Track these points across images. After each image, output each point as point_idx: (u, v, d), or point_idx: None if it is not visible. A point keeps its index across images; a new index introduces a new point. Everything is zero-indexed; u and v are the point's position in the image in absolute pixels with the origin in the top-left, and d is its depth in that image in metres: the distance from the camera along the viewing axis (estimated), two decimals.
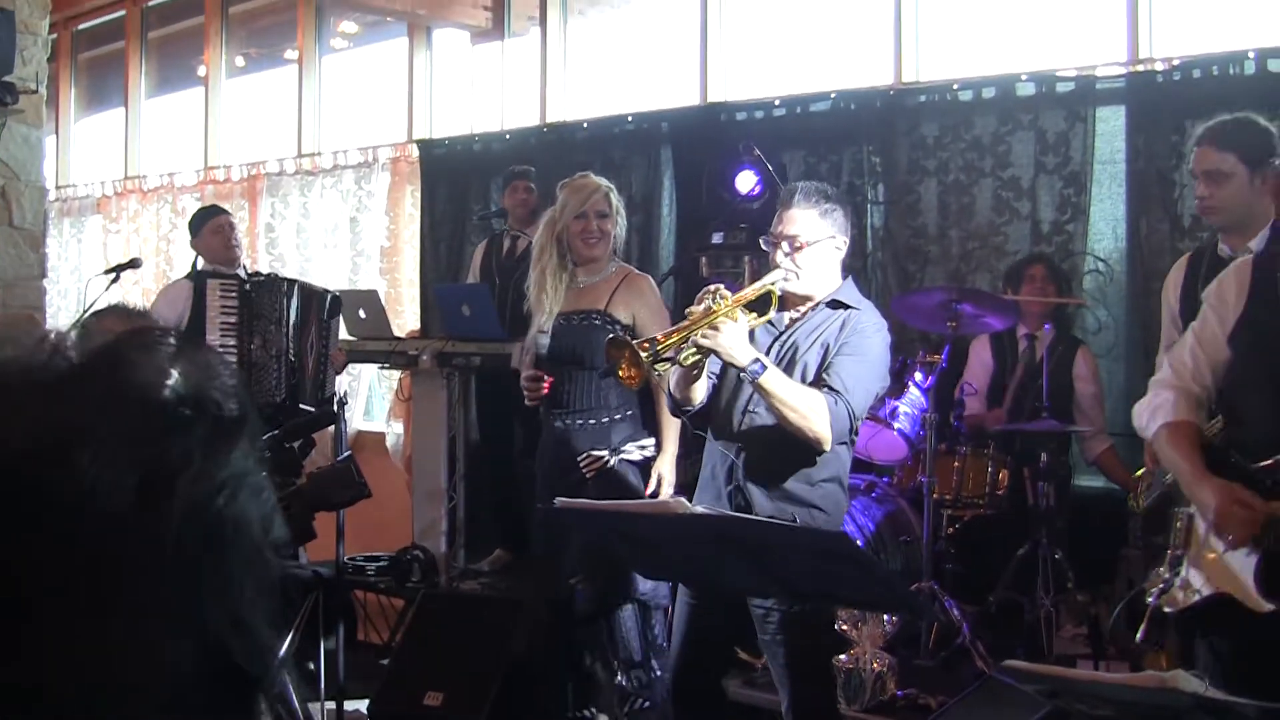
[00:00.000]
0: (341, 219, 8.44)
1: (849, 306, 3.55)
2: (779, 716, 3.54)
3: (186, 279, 6.04)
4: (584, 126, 7.18)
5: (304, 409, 5.70)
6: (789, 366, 3.47)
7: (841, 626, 4.42)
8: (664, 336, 3.34)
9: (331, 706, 4.69)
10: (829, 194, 3.61)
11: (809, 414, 3.31)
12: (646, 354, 3.27)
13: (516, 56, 7.97)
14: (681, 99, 7.00)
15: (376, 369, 7.78)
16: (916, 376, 5.19)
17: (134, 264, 6.27)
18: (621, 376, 3.36)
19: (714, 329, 3.29)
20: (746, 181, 5.74)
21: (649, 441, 4.44)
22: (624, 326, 4.38)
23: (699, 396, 3.54)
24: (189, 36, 10.07)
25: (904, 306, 5.30)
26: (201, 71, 9.80)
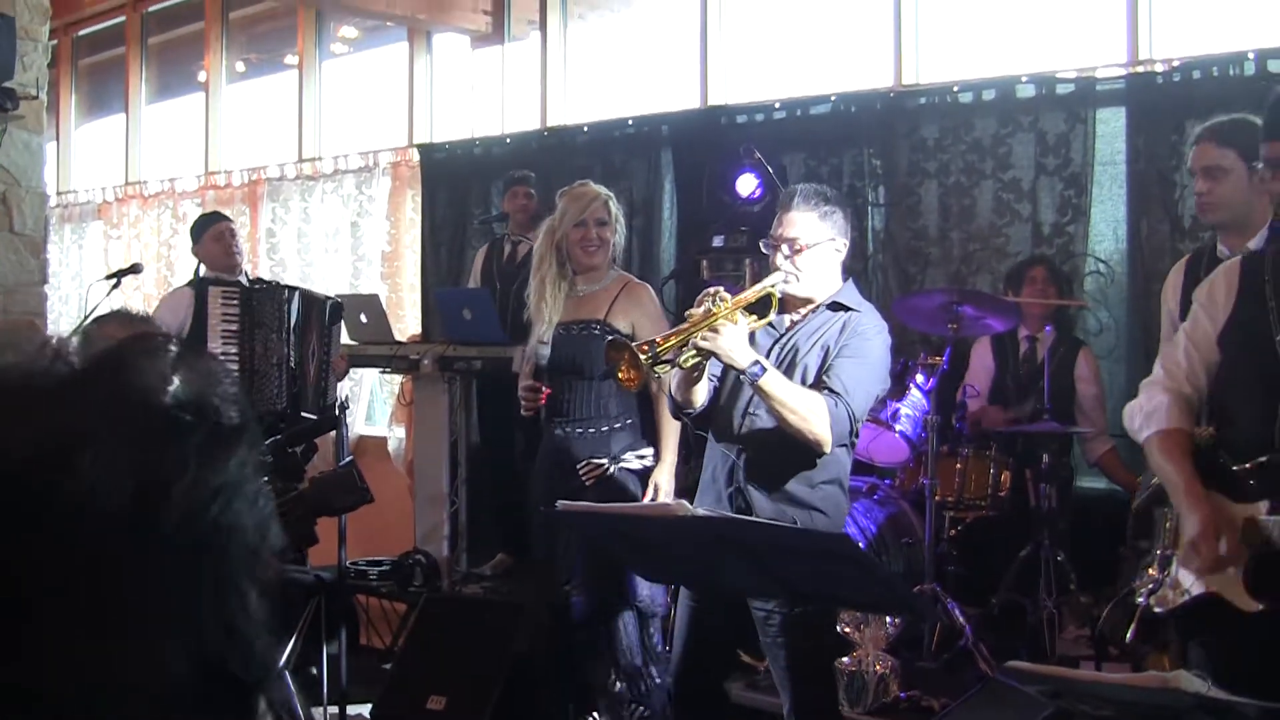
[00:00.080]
0: (342, 224, 8.44)
1: (849, 309, 3.54)
2: (781, 719, 3.55)
3: (188, 286, 6.03)
4: (584, 130, 7.18)
5: (306, 417, 5.69)
6: (789, 369, 3.46)
7: (844, 629, 4.42)
8: (663, 339, 3.34)
9: (334, 711, 4.70)
10: (828, 196, 3.61)
11: (809, 416, 3.31)
12: (646, 356, 3.27)
13: (516, 60, 7.97)
14: (682, 102, 7.00)
15: (378, 373, 7.80)
16: (918, 378, 5.20)
17: (135, 269, 6.27)
18: (621, 379, 3.36)
19: (714, 331, 3.29)
20: (747, 184, 5.74)
21: (648, 451, 4.43)
22: (623, 336, 4.37)
23: (700, 399, 3.54)
24: (189, 42, 10.08)
25: (905, 308, 5.30)
26: (202, 77, 9.81)
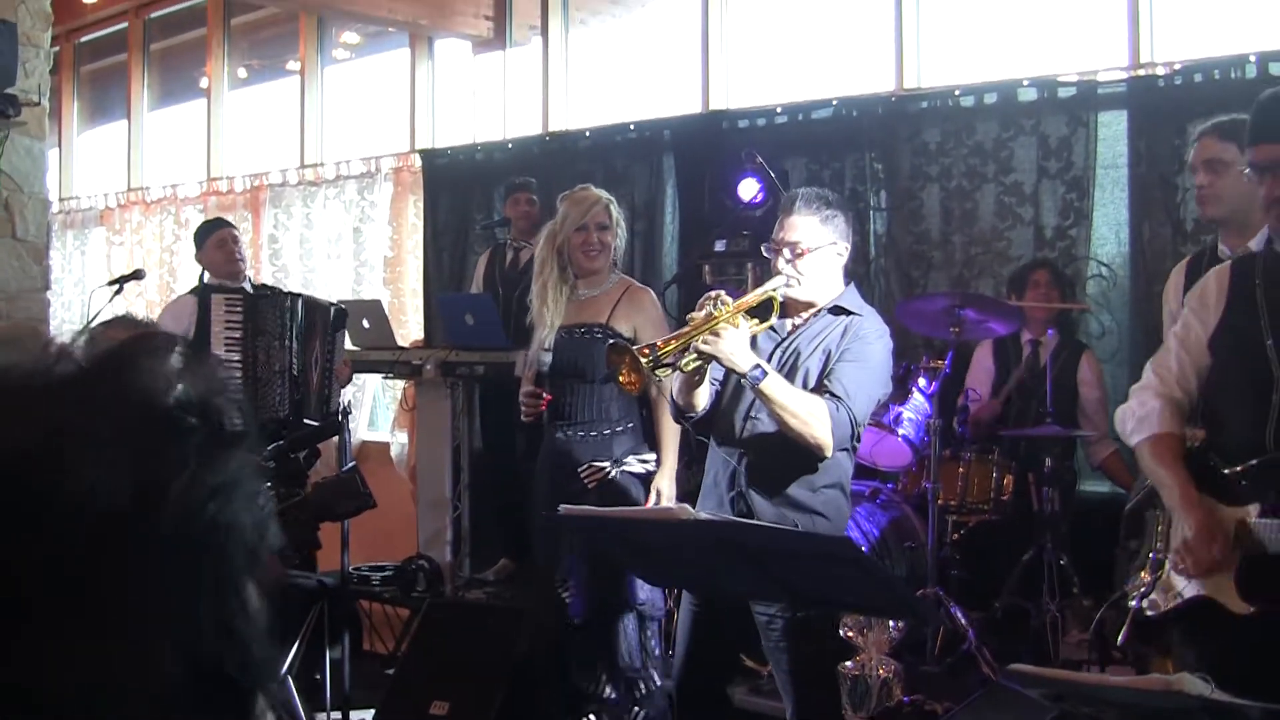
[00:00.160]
0: (345, 229, 8.45)
1: (851, 312, 3.54)
2: None
3: (191, 293, 6.02)
4: (586, 135, 7.18)
5: (308, 423, 5.68)
6: (791, 373, 3.46)
7: (846, 633, 4.41)
8: (664, 342, 3.33)
9: (337, 716, 4.70)
10: (830, 200, 3.61)
11: (810, 420, 3.31)
12: (647, 359, 3.27)
13: (518, 66, 7.99)
14: (683, 107, 7.01)
15: (380, 379, 7.80)
16: (920, 382, 5.19)
17: (137, 275, 6.27)
18: (622, 382, 3.36)
19: (715, 335, 3.28)
20: (749, 189, 5.74)
21: (651, 456, 4.42)
22: (625, 339, 4.37)
23: (702, 403, 3.54)
24: (191, 48, 10.10)
25: (907, 312, 5.30)
26: (204, 83, 9.83)
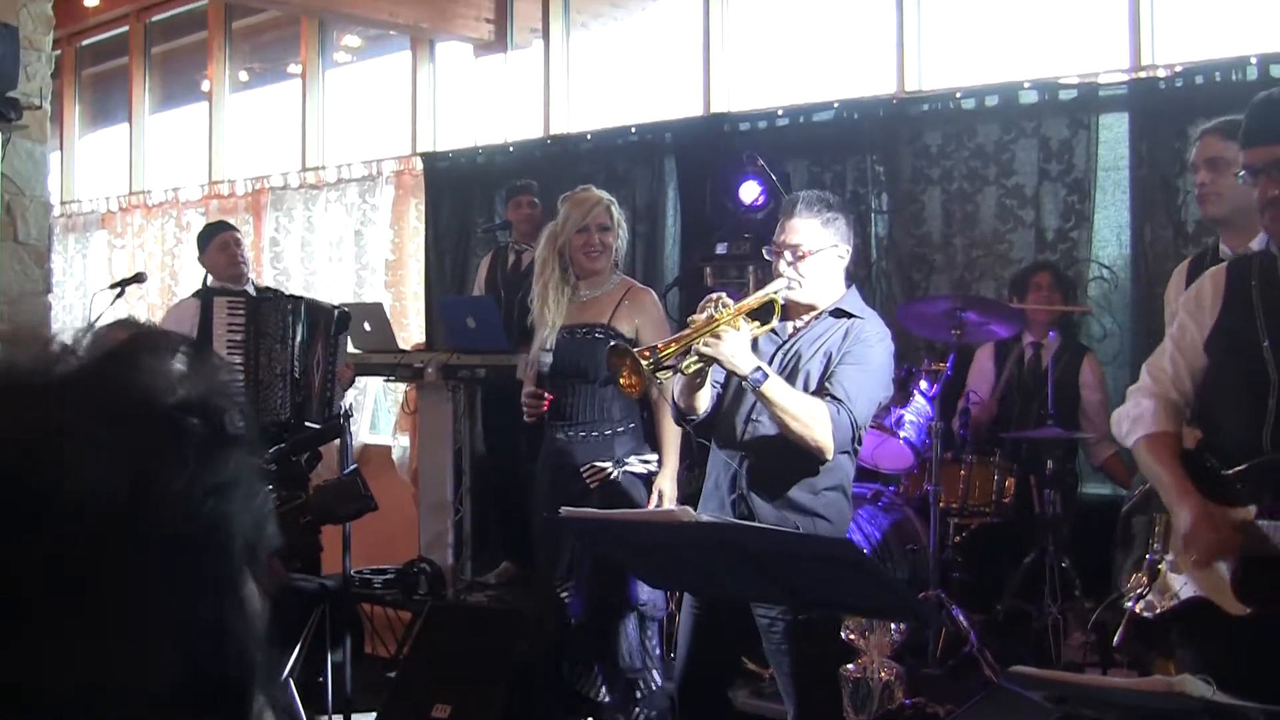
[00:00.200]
0: (346, 232, 8.46)
1: (852, 315, 3.53)
2: None
3: (194, 297, 6.01)
4: (587, 138, 7.19)
5: (310, 426, 5.68)
6: (792, 375, 3.46)
7: (848, 635, 4.40)
8: (665, 344, 3.33)
9: (339, 719, 4.69)
10: (831, 203, 3.60)
11: (811, 423, 3.30)
12: (648, 362, 3.27)
13: (519, 68, 7.99)
14: (685, 110, 7.01)
15: (382, 382, 7.79)
16: (922, 385, 5.19)
17: (139, 279, 6.28)
18: (622, 384, 3.35)
19: (716, 337, 3.27)
20: (750, 191, 5.74)
21: (652, 456, 4.42)
22: (627, 340, 4.37)
23: (703, 405, 3.53)
24: (192, 52, 10.11)
25: (909, 315, 5.30)
26: (205, 86, 9.83)
